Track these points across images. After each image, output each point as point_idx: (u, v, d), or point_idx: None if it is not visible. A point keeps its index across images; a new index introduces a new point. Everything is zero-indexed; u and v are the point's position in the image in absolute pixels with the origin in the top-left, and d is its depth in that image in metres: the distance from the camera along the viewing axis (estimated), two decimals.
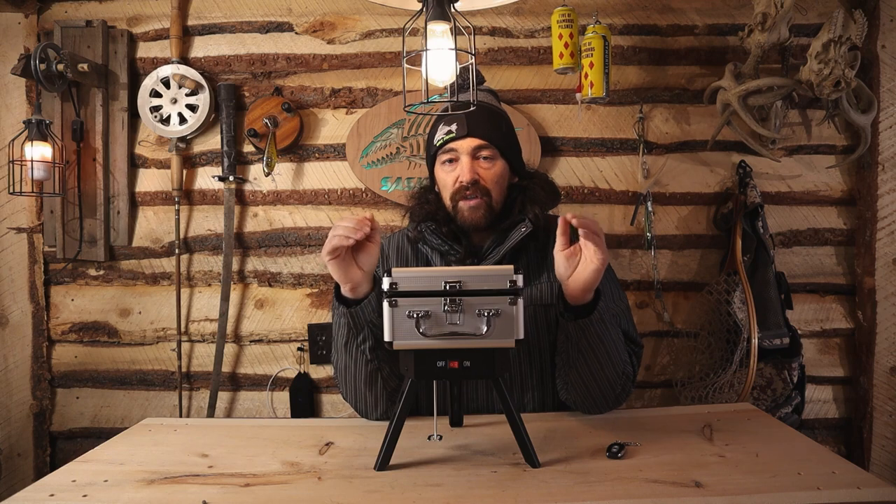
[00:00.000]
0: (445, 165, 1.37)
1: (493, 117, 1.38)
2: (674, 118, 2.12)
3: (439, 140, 1.36)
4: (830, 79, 1.73)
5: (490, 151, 1.35)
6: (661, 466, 1.00)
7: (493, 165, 1.35)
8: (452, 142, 1.34)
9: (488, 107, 1.40)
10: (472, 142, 1.33)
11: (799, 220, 2.12)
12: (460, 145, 1.34)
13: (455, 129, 1.33)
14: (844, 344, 2.14)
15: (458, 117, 1.34)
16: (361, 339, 1.20)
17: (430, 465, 1.03)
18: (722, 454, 1.05)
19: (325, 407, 2.17)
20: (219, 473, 1.02)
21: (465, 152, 1.34)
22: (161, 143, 2.17)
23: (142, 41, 2.16)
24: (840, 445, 2.15)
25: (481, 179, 1.33)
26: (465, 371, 1.01)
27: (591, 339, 1.18)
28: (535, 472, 0.99)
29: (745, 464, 1.00)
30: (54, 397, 2.18)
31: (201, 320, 2.17)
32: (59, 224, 2.11)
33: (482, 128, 1.34)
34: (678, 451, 1.07)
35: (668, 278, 2.13)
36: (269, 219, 2.17)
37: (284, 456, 1.09)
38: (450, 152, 1.35)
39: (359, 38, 2.14)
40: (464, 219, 1.34)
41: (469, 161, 1.33)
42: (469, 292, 1.00)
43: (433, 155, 1.40)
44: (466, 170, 1.32)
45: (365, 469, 1.02)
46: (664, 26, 2.11)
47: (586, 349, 1.19)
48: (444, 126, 1.36)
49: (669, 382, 2.11)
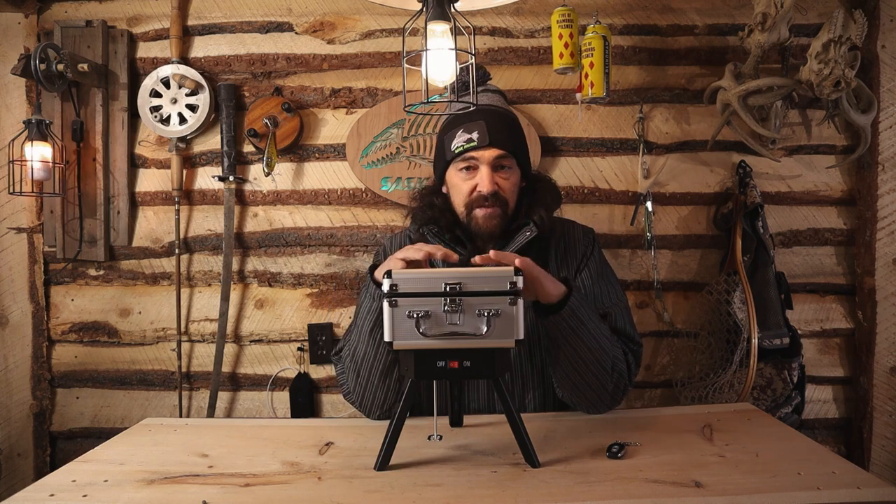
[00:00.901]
0: (462, 172, 1.36)
1: (512, 124, 1.38)
2: (674, 118, 2.12)
3: (458, 147, 1.33)
4: (830, 79, 1.73)
5: (509, 161, 1.35)
6: (661, 466, 1.00)
7: (511, 175, 1.35)
8: (474, 150, 1.32)
9: (504, 112, 1.39)
10: (494, 152, 1.32)
11: (799, 220, 2.12)
12: (482, 155, 1.32)
13: (476, 137, 1.32)
14: (844, 344, 2.14)
15: (479, 124, 1.32)
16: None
17: (430, 465, 1.03)
18: (722, 454, 1.05)
19: (325, 407, 2.17)
20: (219, 473, 1.02)
21: (485, 162, 1.33)
22: (161, 143, 2.17)
23: (142, 41, 2.16)
24: (840, 445, 2.15)
25: (500, 190, 1.33)
26: (465, 371, 1.01)
27: (566, 334, 1.18)
28: (535, 472, 0.99)
29: (745, 464, 1.00)
30: (54, 397, 2.19)
31: (201, 320, 2.17)
32: (59, 224, 2.12)
33: (503, 137, 1.33)
34: (678, 451, 1.07)
35: (668, 278, 2.13)
36: (269, 219, 2.17)
37: (284, 456, 1.09)
38: (469, 160, 1.34)
39: (359, 38, 2.14)
40: (478, 226, 1.34)
41: (489, 172, 1.32)
42: (469, 293, 1.00)
43: (448, 160, 1.38)
44: (487, 181, 1.31)
45: (365, 469, 1.02)
46: (664, 26, 2.11)
47: (564, 345, 1.19)
48: (463, 132, 1.34)
49: (669, 382, 2.11)
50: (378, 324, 1.19)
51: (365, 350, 1.23)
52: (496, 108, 1.38)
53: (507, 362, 1.05)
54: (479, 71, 1.46)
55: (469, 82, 1.43)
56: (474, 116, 1.33)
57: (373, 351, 1.22)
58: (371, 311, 1.20)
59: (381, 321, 1.18)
